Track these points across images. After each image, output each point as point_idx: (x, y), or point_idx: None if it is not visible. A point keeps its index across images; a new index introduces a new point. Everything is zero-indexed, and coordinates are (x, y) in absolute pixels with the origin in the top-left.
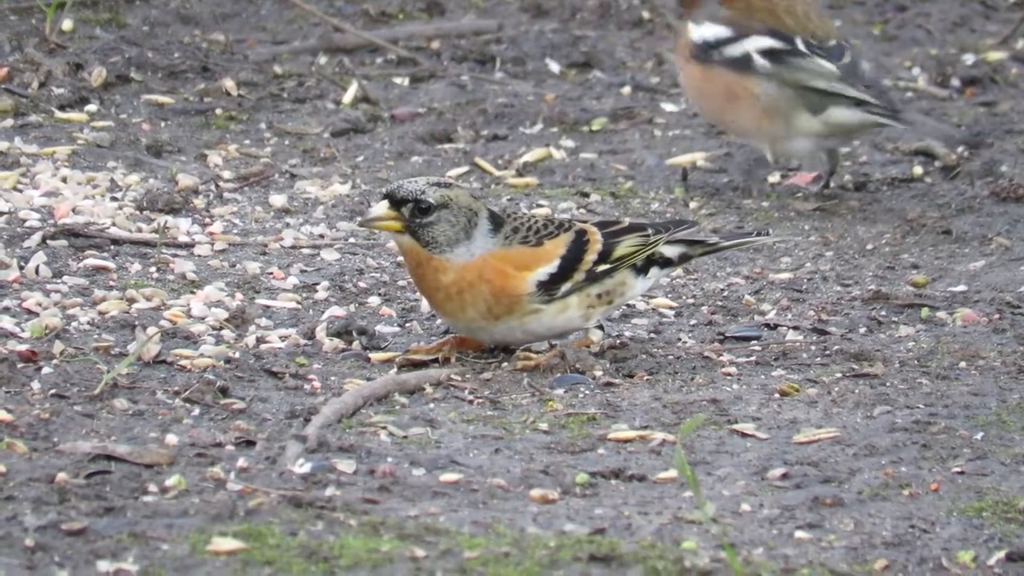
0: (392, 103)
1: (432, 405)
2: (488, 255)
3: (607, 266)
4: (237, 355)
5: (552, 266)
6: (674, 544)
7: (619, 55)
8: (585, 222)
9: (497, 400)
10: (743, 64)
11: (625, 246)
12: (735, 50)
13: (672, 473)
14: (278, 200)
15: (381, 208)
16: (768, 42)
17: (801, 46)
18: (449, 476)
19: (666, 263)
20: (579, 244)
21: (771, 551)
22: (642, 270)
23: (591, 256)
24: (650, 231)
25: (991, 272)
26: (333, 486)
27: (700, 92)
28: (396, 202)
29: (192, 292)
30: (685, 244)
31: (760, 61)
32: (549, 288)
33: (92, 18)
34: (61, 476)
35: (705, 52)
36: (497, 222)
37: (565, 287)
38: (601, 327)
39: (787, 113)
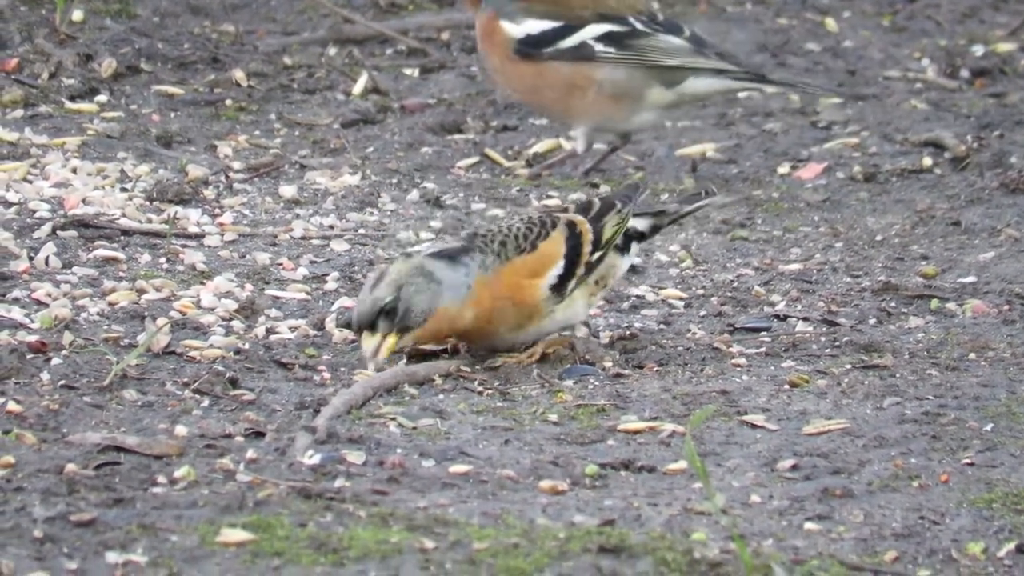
0: (402, 94)
1: (441, 396)
2: (493, 275)
3: (599, 253)
4: (247, 346)
5: (559, 267)
6: (684, 535)
7: None
8: (565, 211)
9: (506, 391)
10: (581, 53)
11: (609, 227)
12: (570, 41)
13: (682, 464)
14: (288, 191)
15: (370, 342)
16: (604, 28)
17: (639, 26)
18: (458, 467)
19: (640, 236)
20: (574, 238)
21: (781, 542)
22: (624, 248)
23: (587, 247)
24: (618, 204)
25: (1001, 263)
26: (342, 477)
27: (533, 88)
28: (372, 326)
29: (202, 283)
30: (652, 216)
31: (600, 48)
32: (559, 288)
33: (102, 9)
34: (70, 467)
35: (533, 48)
36: (466, 250)
37: (571, 284)
38: (586, 323)
39: (637, 93)
